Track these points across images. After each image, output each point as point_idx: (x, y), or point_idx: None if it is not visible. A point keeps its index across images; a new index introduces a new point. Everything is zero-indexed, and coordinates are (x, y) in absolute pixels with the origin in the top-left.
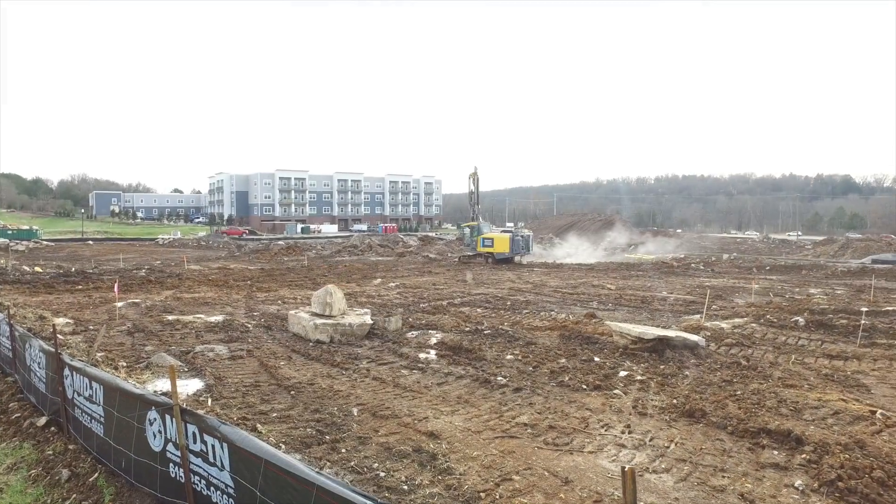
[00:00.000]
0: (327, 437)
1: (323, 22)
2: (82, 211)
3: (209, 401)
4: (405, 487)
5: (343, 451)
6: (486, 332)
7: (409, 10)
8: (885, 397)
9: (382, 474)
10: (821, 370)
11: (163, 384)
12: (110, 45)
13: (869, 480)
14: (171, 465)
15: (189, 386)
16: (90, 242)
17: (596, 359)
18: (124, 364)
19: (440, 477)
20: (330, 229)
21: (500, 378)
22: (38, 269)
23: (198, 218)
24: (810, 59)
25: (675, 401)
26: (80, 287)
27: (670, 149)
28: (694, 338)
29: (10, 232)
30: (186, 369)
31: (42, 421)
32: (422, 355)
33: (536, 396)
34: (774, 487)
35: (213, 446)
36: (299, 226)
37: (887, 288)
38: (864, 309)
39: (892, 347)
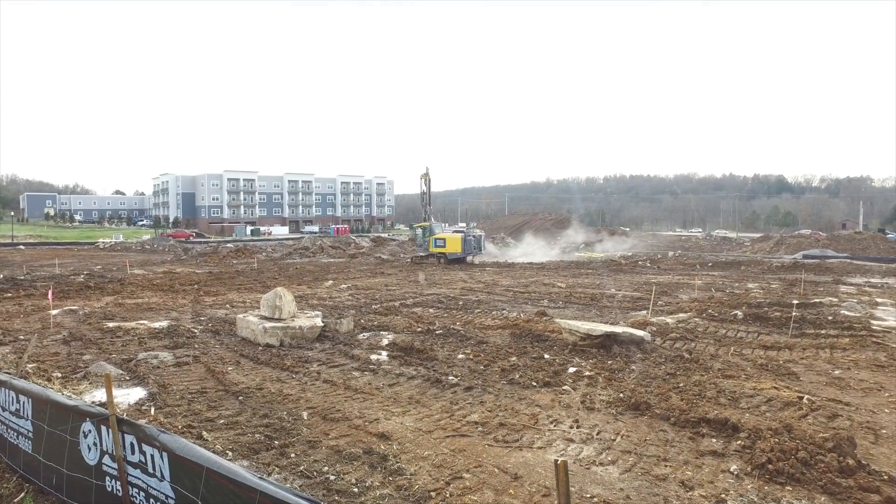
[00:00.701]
0: (276, 442)
1: (269, 22)
2: (12, 214)
3: (152, 409)
4: (356, 490)
5: (292, 455)
6: (437, 332)
7: (358, 11)
8: (812, 383)
9: (332, 477)
10: (756, 360)
11: (101, 394)
12: (42, 34)
13: (794, 461)
14: (107, 478)
15: (130, 395)
16: (21, 247)
17: (546, 356)
18: (59, 375)
19: (391, 478)
20: (281, 231)
21: (451, 377)
22: None
23: (141, 220)
24: (747, 62)
25: (621, 395)
26: (9, 295)
27: (618, 149)
28: (640, 333)
29: None
30: (128, 377)
31: None
32: (373, 357)
33: (487, 395)
34: (712, 473)
35: (152, 456)
36: (249, 228)
37: (815, 281)
38: (795, 301)
39: (818, 337)
